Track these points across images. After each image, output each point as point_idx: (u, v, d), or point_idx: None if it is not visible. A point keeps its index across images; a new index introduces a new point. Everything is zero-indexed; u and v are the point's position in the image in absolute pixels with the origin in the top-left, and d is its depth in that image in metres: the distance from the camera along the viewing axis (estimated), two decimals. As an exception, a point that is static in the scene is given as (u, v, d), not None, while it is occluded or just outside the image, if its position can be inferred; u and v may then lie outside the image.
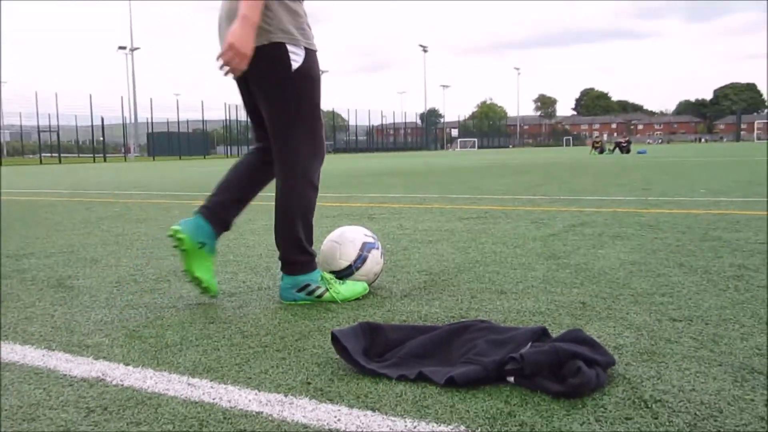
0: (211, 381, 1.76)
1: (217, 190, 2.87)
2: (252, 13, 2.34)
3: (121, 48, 54.99)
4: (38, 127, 46.60)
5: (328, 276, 2.67)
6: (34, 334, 2.25)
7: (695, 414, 1.49)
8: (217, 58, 2.40)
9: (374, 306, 2.51)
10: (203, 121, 57.72)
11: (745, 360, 1.82)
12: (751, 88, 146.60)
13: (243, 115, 59.47)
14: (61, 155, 46.43)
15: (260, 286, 2.93)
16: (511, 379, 1.66)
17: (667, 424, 1.44)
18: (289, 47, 2.49)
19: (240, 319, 2.38)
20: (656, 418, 1.47)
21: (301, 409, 1.56)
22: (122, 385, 1.75)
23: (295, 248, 2.67)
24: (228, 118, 60.11)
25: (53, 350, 2.06)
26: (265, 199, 2.88)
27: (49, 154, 47.76)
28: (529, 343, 1.78)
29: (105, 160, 46.00)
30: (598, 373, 1.64)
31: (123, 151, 51.49)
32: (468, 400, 1.59)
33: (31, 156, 45.65)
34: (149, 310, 2.56)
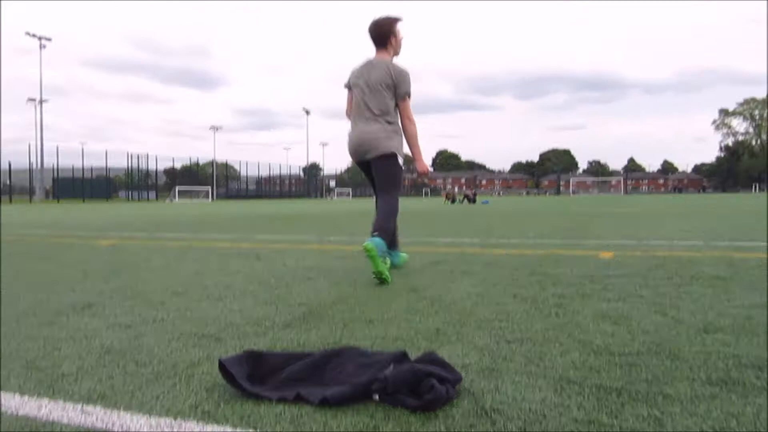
0: (104, 408, 1.63)
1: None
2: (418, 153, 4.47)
3: (30, 99, 51.33)
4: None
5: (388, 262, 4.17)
6: (-73, 369, 2.00)
7: (525, 419, 1.54)
8: (420, 173, 4.53)
9: (258, 335, 2.44)
10: (107, 168, 54.79)
11: (564, 372, 1.91)
12: (567, 153, 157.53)
13: (144, 164, 57.15)
14: (-34, 197, 42.70)
15: (155, 319, 2.77)
16: (376, 396, 1.66)
17: (503, 429, 1.48)
18: (399, 158, 4.26)
19: (135, 349, 2.24)
20: (494, 425, 1.51)
21: (190, 430, 1.48)
22: (17, 414, 1.59)
23: (391, 232, 4.25)
24: (130, 166, 57.46)
25: (-54, 384, 1.85)
26: (162, 239, 2.73)
27: (-46, 196, 43.70)
28: (391, 365, 1.78)
29: (11, 202, 42.47)
30: (448, 389, 1.66)
31: (29, 193, 47.80)
32: (339, 416, 1.57)
33: (-66, 198, 41.50)
34: (47, 342, 2.35)
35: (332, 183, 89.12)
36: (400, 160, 4.26)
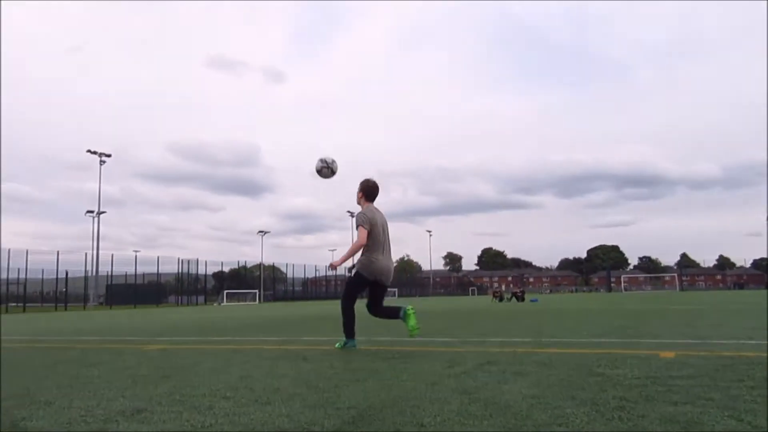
0: None
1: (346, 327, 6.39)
2: None
3: (89, 212, 53.95)
4: (7, 279, 44.52)
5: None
6: (-21, 477, 2.00)
7: None
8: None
9: (308, 441, 2.37)
10: (158, 273, 56.23)
11: (635, 483, 1.77)
12: (615, 249, 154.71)
13: (193, 269, 58.48)
14: (26, 304, 44.24)
15: (203, 425, 2.73)
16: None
17: None
18: None
19: (183, 456, 2.19)
20: None
21: None
22: None
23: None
24: (180, 270, 58.83)
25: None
26: (211, 343, 2.74)
27: (14, 304, 45.32)
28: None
29: (66, 309, 43.70)
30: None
31: (83, 300, 49.15)
32: None
33: (-3, 306, 43.24)
34: (96, 449, 2.33)
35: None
36: None
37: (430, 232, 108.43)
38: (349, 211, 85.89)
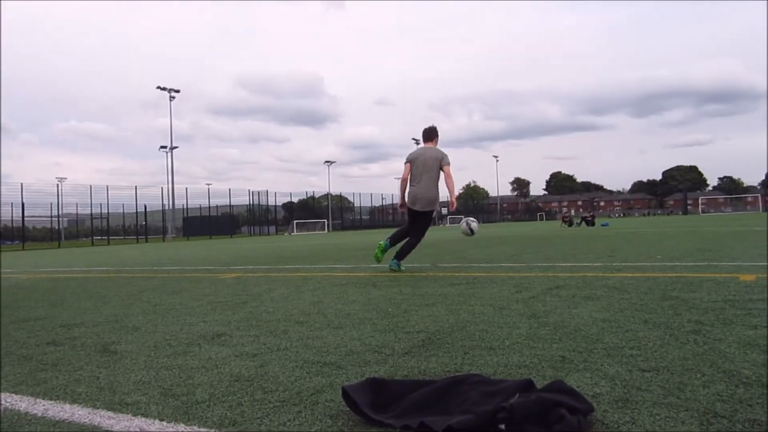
0: (236, 433, 1.69)
1: (393, 235, 7.24)
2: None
3: (162, 147, 55.79)
4: (91, 214, 47.04)
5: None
6: (81, 395, 2.18)
7: (669, 456, 1.42)
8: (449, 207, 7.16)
9: (379, 363, 2.45)
10: (230, 205, 58.14)
11: (709, 405, 1.76)
12: (694, 170, 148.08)
13: (264, 200, 60.15)
14: (110, 238, 46.88)
15: (279, 347, 2.86)
16: (503, 426, 1.60)
17: (645, 465, 1.38)
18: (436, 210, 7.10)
19: (261, 377, 2.32)
20: (634, 461, 1.40)
21: (316, 458, 1.50)
22: (15, 411, 1.69)
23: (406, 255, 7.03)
24: (251, 202, 60.59)
25: (97, 408, 2.00)
26: (283, 271, 2.83)
27: (99, 237, 48.11)
28: (517, 394, 1.72)
29: (147, 241, 46.07)
30: (579, 420, 1.58)
31: (162, 232, 51.65)
32: (465, 446, 1.53)
33: (84, 239, 45.77)
34: (182, 370, 2.49)
35: (444, 210, 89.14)
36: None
37: (496, 157, 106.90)
38: (414, 139, 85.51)
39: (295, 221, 58.88)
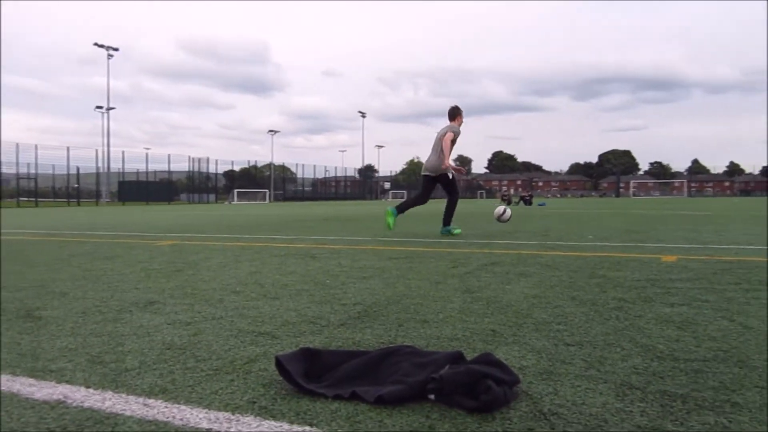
0: (165, 401, 1.68)
1: (404, 203, 8.45)
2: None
3: (98, 107, 53.51)
4: (17, 174, 44.87)
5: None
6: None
7: (585, 424, 1.50)
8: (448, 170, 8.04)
9: (314, 333, 2.46)
10: (169, 171, 56.60)
11: (625, 378, 1.85)
12: (627, 154, 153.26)
13: (204, 167, 58.78)
14: (39, 200, 44.86)
15: (214, 316, 2.83)
16: (432, 396, 1.64)
17: (563, 433, 1.45)
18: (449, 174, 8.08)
19: (194, 345, 2.29)
20: (553, 428, 1.47)
21: (247, 425, 1.50)
22: (82, 406, 1.65)
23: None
24: (191, 169, 59.15)
25: (17, 375, 1.93)
26: (221, 239, 2.79)
27: (26, 199, 45.94)
28: (447, 366, 1.77)
29: (79, 204, 44.38)
30: (505, 391, 1.64)
31: (96, 196, 49.82)
32: (394, 415, 1.56)
33: (9, 200, 43.69)
34: (111, 337, 2.44)
35: (387, 185, 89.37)
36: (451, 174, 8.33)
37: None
38: (360, 112, 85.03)
39: (236, 190, 57.95)
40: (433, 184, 8.36)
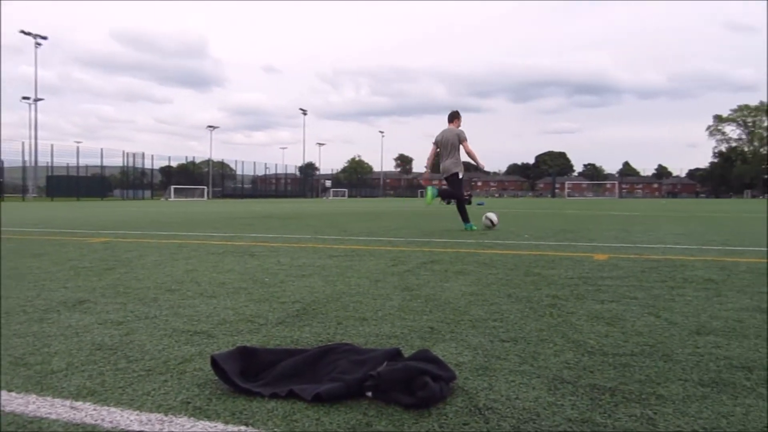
0: (94, 404, 1.62)
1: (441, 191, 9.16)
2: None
3: (25, 98, 51.11)
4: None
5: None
6: None
7: (518, 418, 1.53)
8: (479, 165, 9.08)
9: (251, 332, 2.43)
10: (102, 166, 54.61)
11: (557, 372, 1.90)
12: (563, 156, 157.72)
13: (140, 163, 56.97)
14: (-43, 194, 42.54)
15: (147, 315, 2.75)
16: (370, 393, 1.65)
17: (497, 428, 1.48)
18: (460, 174, 8.84)
19: (126, 345, 2.22)
20: (488, 423, 1.50)
21: (180, 426, 1.47)
22: (4, 411, 1.57)
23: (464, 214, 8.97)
24: (125, 164, 57.26)
25: (-65, 378, 1.83)
26: (156, 237, 2.71)
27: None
28: (385, 363, 1.77)
29: (3, 200, 42.32)
30: (442, 387, 1.66)
31: (22, 191, 47.51)
32: (332, 413, 1.56)
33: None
34: (37, 338, 2.33)
35: (328, 183, 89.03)
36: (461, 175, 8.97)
37: (382, 132, 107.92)
38: (301, 109, 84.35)
39: (172, 186, 56.42)
40: (460, 182, 9.03)
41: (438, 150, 9.08)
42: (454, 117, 9.15)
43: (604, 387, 1.77)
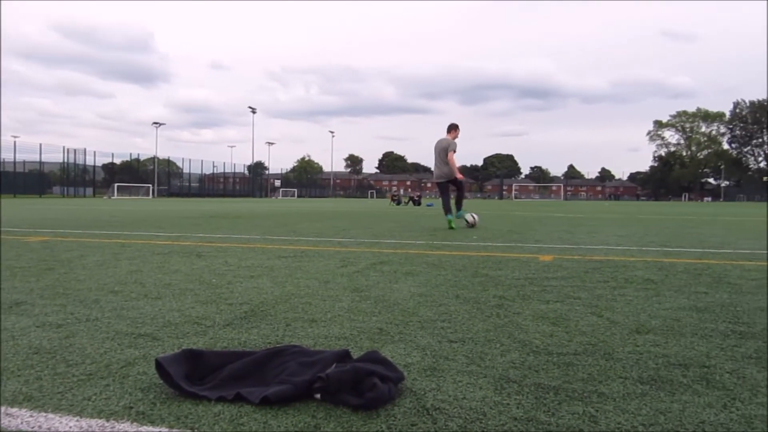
0: (30, 410, 1.56)
1: (445, 207, 9.75)
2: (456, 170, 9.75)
3: (-43, 89, 48.87)
4: None
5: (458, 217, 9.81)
6: None
7: (465, 418, 1.55)
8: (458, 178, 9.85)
9: (198, 334, 2.39)
10: (41, 162, 52.64)
11: (504, 372, 1.94)
12: (510, 158, 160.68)
13: (81, 159, 55.12)
14: None
15: (88, 318, 2.67)
16: (318, 396, 1.64)
17: (444, 428, 1.49)
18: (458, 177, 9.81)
19: (66, 349, 2.15)
20: (435, 423, 1.52)
21: (122, 432, 1.43)
22: None
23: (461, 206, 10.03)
24: (66, 160, 55.35)
25: None
26: (99, 236, 2.63)
27: None
28: (334, 364, 1.77)
29: (-67, 196, 40.26)
30: (390, 388, 1.67)
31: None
32: (280, 416, 1.55)
33: None
34: (-30, 342, 2.23)
35: (277, 182, 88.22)
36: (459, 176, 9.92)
37: (332, 132, 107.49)
38: (250, 107, 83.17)
39: (116, 184, 54.84)
40: (447, 185, 9.92)
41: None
42: (451, 128, 9.93)
43: (549, 386, 1.81)
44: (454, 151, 9.70)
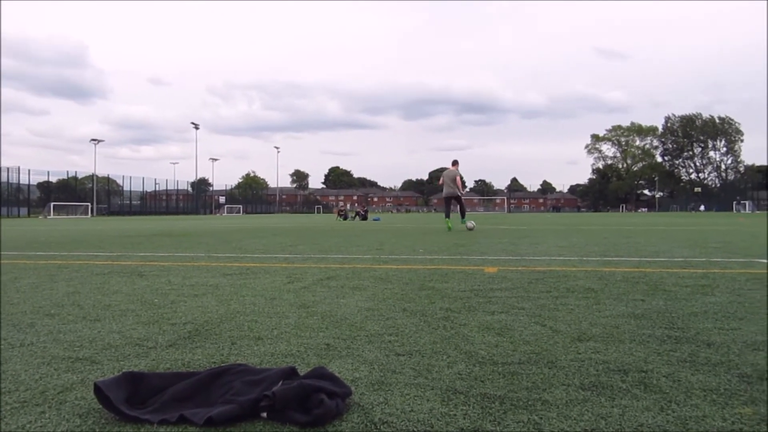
0: (-41, 442, 1.48)
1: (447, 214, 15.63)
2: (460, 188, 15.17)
3: None
4: None
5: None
6: None
7: (413, 430, 1.56)
8: (457, 195, 15.32)
9: (140, 356, 2.32)
10: (-30, 181, 50.26)
11: (450, 383, 1.96)
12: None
13: (14, 178, 52.93)
14: None
15: (23, 342, 2.56)
16: (265, 414, 1.62)
17: (392, 441, 1.49)
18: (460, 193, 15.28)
19: (-3, 376, 2.05)
20: (383, 438, 1.51)
21: (59, 461, 1.37)
22: None
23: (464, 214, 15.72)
24: (-2, 180, 52.98)
25: None
26: (34, 258, 2.53)
27: None
28: (281, 382, 1.75)
29: None
30: (337, 403, 1.66)
31: None
32: (225, 437, 1.51)
33: None
34: None
35: (222, 199, 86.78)
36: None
37: (278, 148, 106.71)
38: (193, 123, 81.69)
39: (52, 203, 52.78)
40: (451, 200, 15.04)
41: (442, 182, 14.93)
42: (455, 162, 15.25)
43: (494, 395, 1.83)
44: (461, 177, 14.92)
